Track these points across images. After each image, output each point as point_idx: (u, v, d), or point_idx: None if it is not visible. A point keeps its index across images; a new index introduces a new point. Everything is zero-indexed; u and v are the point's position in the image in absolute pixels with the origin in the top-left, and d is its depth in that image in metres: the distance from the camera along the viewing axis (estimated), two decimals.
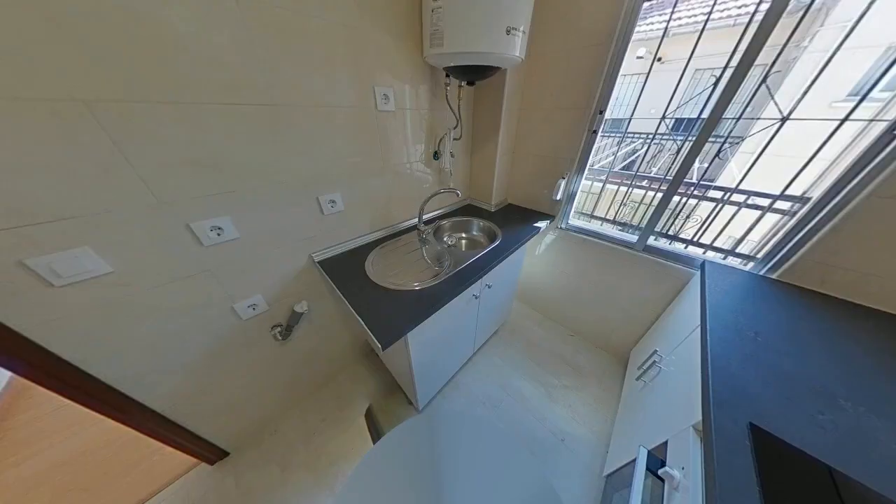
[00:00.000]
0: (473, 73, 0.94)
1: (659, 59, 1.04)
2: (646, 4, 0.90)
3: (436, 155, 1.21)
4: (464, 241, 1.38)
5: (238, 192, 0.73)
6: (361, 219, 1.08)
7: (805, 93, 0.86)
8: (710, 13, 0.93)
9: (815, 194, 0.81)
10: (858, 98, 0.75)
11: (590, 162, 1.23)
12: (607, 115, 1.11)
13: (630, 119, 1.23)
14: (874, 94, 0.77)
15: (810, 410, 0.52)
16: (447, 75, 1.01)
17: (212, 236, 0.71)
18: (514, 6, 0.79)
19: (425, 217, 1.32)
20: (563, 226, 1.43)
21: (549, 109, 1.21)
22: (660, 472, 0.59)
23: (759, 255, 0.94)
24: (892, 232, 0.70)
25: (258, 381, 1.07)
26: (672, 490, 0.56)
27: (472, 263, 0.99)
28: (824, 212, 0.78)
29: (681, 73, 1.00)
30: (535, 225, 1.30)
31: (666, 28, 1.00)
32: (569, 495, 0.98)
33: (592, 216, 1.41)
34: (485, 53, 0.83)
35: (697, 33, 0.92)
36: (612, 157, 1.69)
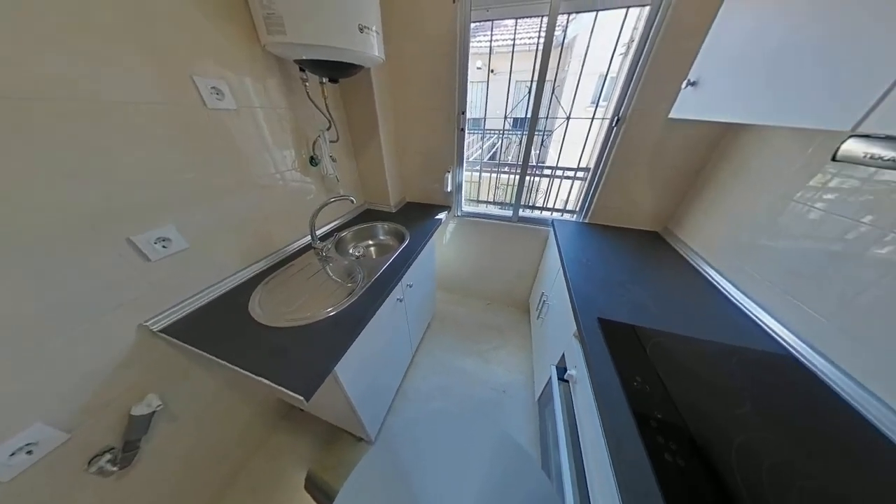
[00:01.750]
0: (334, 70, 0.88)
1: (492, 71, 1.31)
2: (473, 25, 1.11)
3: (313, 160, 1.06)
4: (373, 249, 1.31)
5: None
6: (224, 253, 0.83)
7: (573, 101, 1.32)
8: (514, 40, 1.25)
9: (591, 165, 1.29)
10: (594, 105, 1.23)
11: (465, 156, 1.42)
12: (469, 115, 1.31)
13: (485, 118, 1.51)
14: (601, 102, 1.28)
15: (616, 296, 0.84)
16: (301, 69, 0.89)
17: None
18: (359, 2, 0.78)
19: (320, 232, 1.16)
20: (459, 214, 1.61)
21: (421, 110, 1.30)
22: (565, 376, 0.81)
23: (576, 209, 1.41)
24: (625, 182, 1.20)
25: None
26: (574, 385, 0.78)
27: (388, 268, 0.96)
28: (597, 176, 1.24)
29: (507, 83, 1.31)
30: (437, 217, 1.40)
31: (490, 47, 1.27)
32: (519, 431, 1.17)
33: (479, 201, 1.66)
34: (342, 50, 0.78)
35: (510, 53, 1.22)
36: (480, 150, 2.03)
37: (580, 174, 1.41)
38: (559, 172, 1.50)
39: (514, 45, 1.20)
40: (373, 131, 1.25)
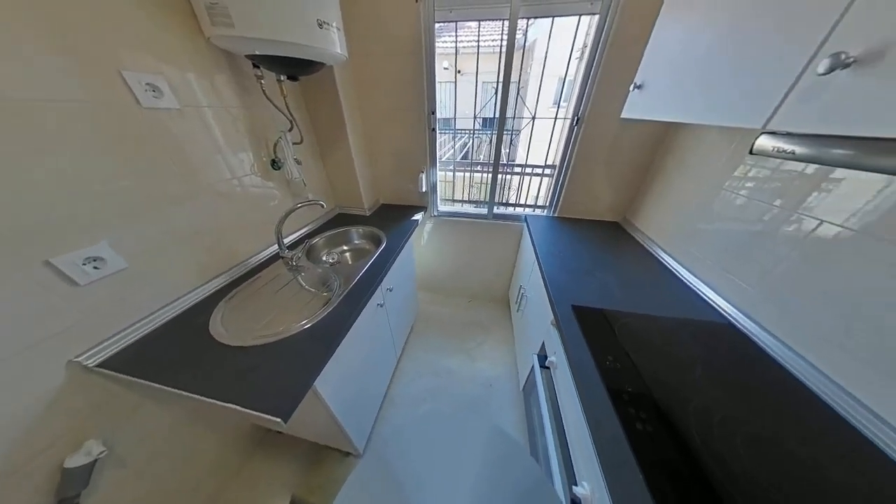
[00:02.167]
0: (292, 67, 0.83)
1: (459, 72, 1.33)
2: (437, 25, 1.12)
3: (275, 164, 0.99)
4: (348, 254, 1.26)
5: None
6: (176, 269, 0.74)
7: (537, 102, 1.38)
8: (478, 42, 1.27)
9: (557, 162, 1.36)
10: (556, 106, 1.31)
11: (438, 156, 1.43)
12: (439, 115, 1.31)
13: (455, 118, 1.53)
14: (562, 103, 1.36)
15: (586, 284, 0.91)
16: (255, 66, 0.82)
17: None
18: None
19: (288, 240, 1.09)
20: (436, 213, 1.61)
21: (390, 109, 1.28)
22: (546, 363, 0.85)
23: (546, 205, 1.48)
24: (588, 178, 1.29)
25: None
26: (554, 371, 0.82)
27: (366, 273, 0.93)
28: (562, 172, 1.32)
29: (475, 83, 1.34)
30: (413, 218, 1.38)
31: (456, 48, 1.29)
32: (506, 421, 1.21)
33: (454, 200, 1.67)
34: (300, 46, 0.74)
35: (476, 54, 1.25)
36: (453, 150, 2.05)
37: (548, 171, 1.49)
38: (529, 170, 1.56)
39: (478, 46, 1.23)
40: (340, 132, 1.20)
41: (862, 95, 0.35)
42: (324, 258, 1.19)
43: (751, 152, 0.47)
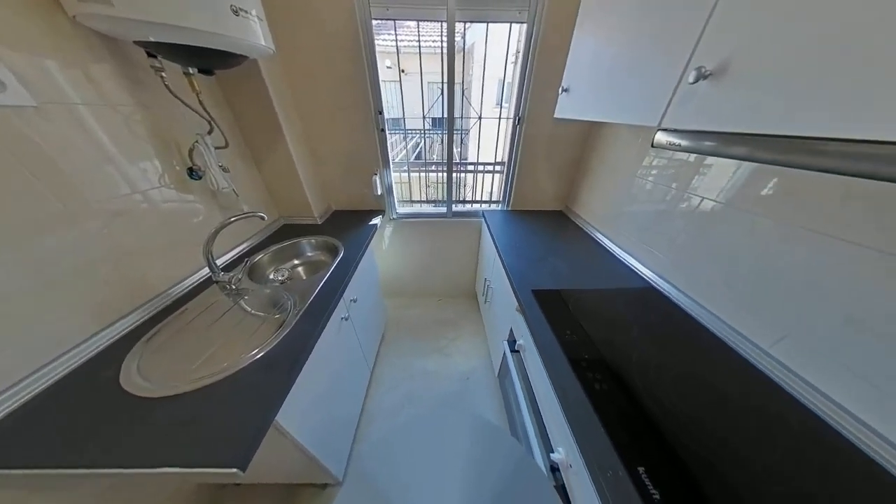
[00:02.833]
0: (203, 59, 0.71)
1: (403, 71, 1.31)
2: (376, 22, 1.08)
3: (193, 173, 0.84)
4: (301, 268, 1.15)
5: None
6: (58, 315, 0.58)
7: (481, 102, 1.46)
8: (419, 42, 1.28)
9: (505, 159, 1.46)
10: (500, 107, 1.40)
11: (390, 157, 1.39)
12: (387, 115, 1.28)
13: (404, 118, 1.51)
14: (503, 104, 1.46)
15: (542, 269, 1.00)
16: (151, 55, 0.68)
17: None
18: None
19: (223, 260, 0.94)
20: (395, 216, 1.57)
21: (332, 109, 1.20)
22: (516, 347, 0.91)
23: (500, 199, 1.58)
24: (533, 173, 1.41)
25: None
26: (524, 353, 0.88)
27: (325, 287, 0.86)
28: (511, 168, 1.42)
29: (420, 83, 1.34)
30: (371, 223, 1.32)
31: (397, 47, 1.27)
32: (486, 408, 1.25)
33: (412, 201, 1.65)
34: (211, 34, 0.64)
35: (418, 54, 1.25)
36: (405, 150, 2.02)
37: (498, 168, 1.58)
38: (481, 167, 1.64)
39: (420, 46, 1.23)
40: (275, 134, 1.08)
41: (717, 100, 0.46)
42: (271, 276, 1.06)
43: (652, 146, 0.58)
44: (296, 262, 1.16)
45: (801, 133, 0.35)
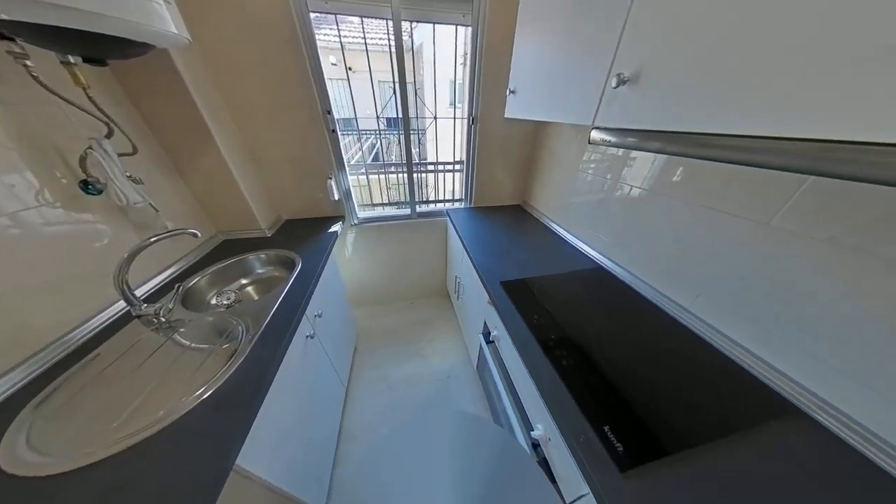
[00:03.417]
0: (88, 46, 0.58)
1: (350, 69, 1.25)
2: (314, 15, 1.01)
3: (89, 186, 0.68)
4: (250, 288, 1.03)
5: None
6: None
7: (435, 102, 1.47)
8: (365, 39, 1.23)
9: (464, 158, 1.49)
10: (453, 107, 1.42)
11: (345, 159, 1.32)
12: (337, 115, 1.20)
13: (356, 118, 1.44)
14: (457, 104, 1.49)
15: (507, 261, 1.05)
16: (5, 37, 0.53)
17: None
18: None
19: (146, 288, 0.80)
20: (356, 221, 1.49)
21: (271, 108, 1.09)
22: (490, 338, 0.95)
23: (462, 197, 1.61)
24: (490, 170, 1.46)
25: None
26: (499, 343, 0.92)
27: (282, 305, 0.78)
28: (470, 167, 1.45)
29: (370, 82, 1.29)
30: (331, 230, 1.24)
31: (341, 43, 1.20)
32: (469, 402, 1.28)
33: (374, 205, 1.59)
34: (96, 15, 0.52)
35: (365, 52, 1.20)
36: (361, 152, 1.93)
37: (458, 167, 1.61)
38: (441, 167, 1.65)
39: (366, 43, 1.18)
40: (203, 136, 0.93)
41: (635, 102, 0.54)
42: (214, 301, 0.92)
43: (589, 142, 0.65)
44: (244, 281, 1.02)
45: (689, 129, 0.44)
